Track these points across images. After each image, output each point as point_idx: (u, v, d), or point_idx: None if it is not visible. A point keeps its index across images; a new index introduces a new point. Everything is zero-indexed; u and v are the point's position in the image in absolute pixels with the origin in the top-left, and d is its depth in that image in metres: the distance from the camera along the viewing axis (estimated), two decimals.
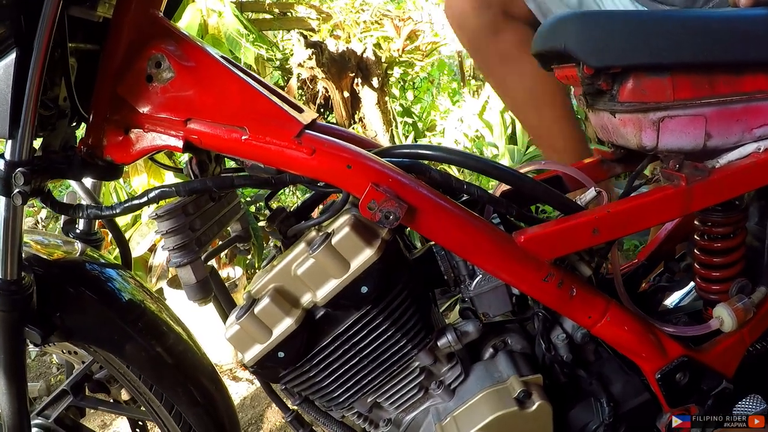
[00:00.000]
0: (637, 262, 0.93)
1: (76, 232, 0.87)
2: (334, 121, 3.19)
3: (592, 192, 0.70)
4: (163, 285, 1.81)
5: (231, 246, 0.82)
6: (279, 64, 3.41)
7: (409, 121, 3.70)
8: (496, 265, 0.65)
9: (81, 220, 0.87)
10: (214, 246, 0.81)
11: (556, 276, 0.65)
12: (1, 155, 0.61)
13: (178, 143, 0.62)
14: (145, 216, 1.86)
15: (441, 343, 0.68)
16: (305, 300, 0.64)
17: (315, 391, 0.69)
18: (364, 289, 0.61)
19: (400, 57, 3.38)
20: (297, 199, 2.98)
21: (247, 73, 0.66)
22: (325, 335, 0.64)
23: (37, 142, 0.65)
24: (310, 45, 2.86)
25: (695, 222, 0.79)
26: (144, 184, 1.72)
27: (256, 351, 0.64)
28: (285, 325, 0.62)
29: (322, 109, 3.37)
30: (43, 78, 0.57)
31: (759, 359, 0.83)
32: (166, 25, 0.65)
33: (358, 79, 3.05)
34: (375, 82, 3.06)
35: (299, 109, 0.67)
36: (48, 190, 0.65)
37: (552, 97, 1.20)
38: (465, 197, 0.71)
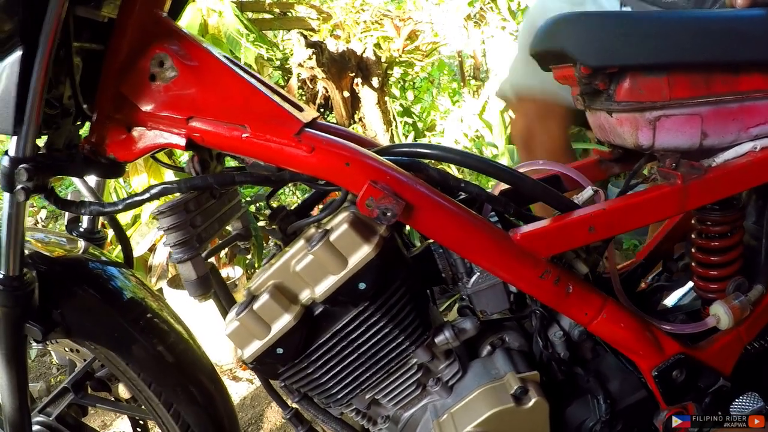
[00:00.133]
0: (635, 262, 0.93)
1: (80, 230, 0.88)
2: (334, 120, 3.20)
3: (588, 191, 0.70)
4: (162, 285, 1.81)
5: (231, 244, 0.83)
6: (279, 63, 3.42)
7: (409, 121, 3.70)
8: (493, 262, 0.65)
9: (85, 219, 0.88)
10: (214, 244, 0.82)
11: (553, 273, 0.66)
12: (5, 152, 0.62)
13: (181, 141, 0.63)
14: (145, 216, 1.87)
15: (439, 340, 0.69)
16: (304, 296, 0.64)
17: (314, 387, 0.69)
18: (362, 285, 0.62)
19: (400, 57, 3.38)
20: (297, 199, 2.99)
21: (249, 73, 0.67)
22: (324, 332, 0.65)
23: (42, 140, 0.66)
24: (310, 45, 2.87)
25: (693, 221, 0.80)
26: (144, 184, 1.73)
27: (255, 347, 0.65)
28: (284, 321, 0.63)
29: (322, 109, 3.38)
30: (47, 76, 0.58)
31: (756, 357, 0.83)
32: (170, 25, 0.66)
33: (358, 79, 3.06)
34: (375, 82, 3.06)
35: (299, 108, 0.68)
36: (51, 187, 0.66)
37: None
38: (463, 195, 0.71)
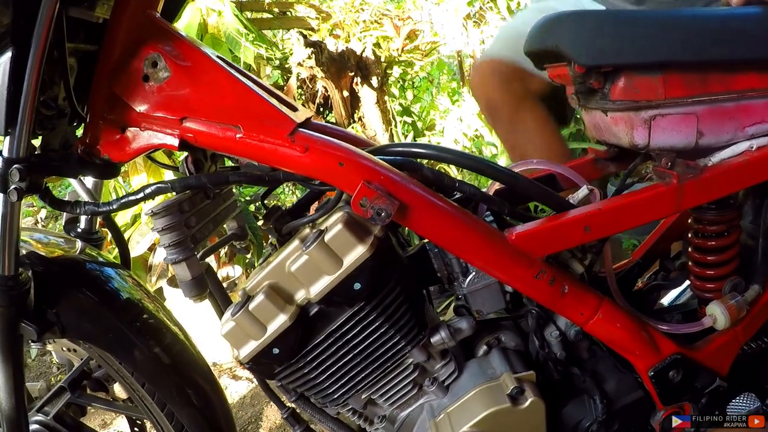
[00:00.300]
0: (632, 261, 0.93)
1: (78, 230, 0.88)
2: (333, 120, 3.20)
3: (584, 190, 0.70)
4: (162, 284, 1.82)
5: (227, 244, 0.83)
6: (278, 63, 3.42)
7: (409, 120, 3.70)
8: (489, 262, 0.65)
9: (83, 220, 0.88)
10: (213, 242, 0.82)
11: (548, 273, 0.66)
12: None
13: (174, 141, 0.63)
14: (145, 215, 1.87)
15: (434, 339, 0.69)
16: (299, 297, 0.64)
17: (310, 387, 0.69)
18: (357, 285, 0.62)
19: (400, 56, 3.38)
20: (296, 198, 2.99)
21: (243, 73, 0.67)
22: (319, 332, 0.65)
23: (38, 141, 0.66)
24: (309, 44, 2.86)
25: (690, 220, 0.80)
26: (144, 183, 1.73)
27: (251, 347, 0.65)
28: (279, 321, 0.63)
29: (322, 109, 3.37)
30: (40, 77, 0.58)
31: (753, 358, 0.83)
32: (163, 25, 0.66)
33: (358, 79, 3.05)
34: (374, 81, 3.06)
35: (293, 108, 0.68)
36: (46, 187, 0.66)
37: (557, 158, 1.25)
38: (458, 195, 0.71)
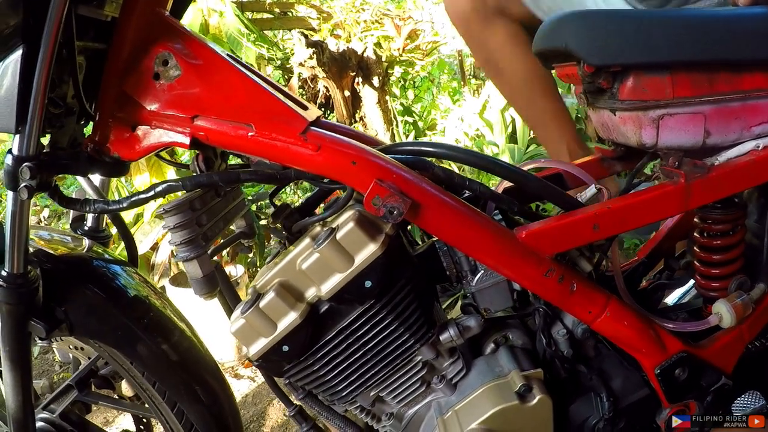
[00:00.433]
0: (637, 260, 0.94)
1: (85, 228, 0.88)
2: (335, 120, 3.20)
3: (592, 189, 0.71)
4: (165, 283, 1.82)
5: (235, 242, 0.83)
6: (280, 63, 3.42)
7: (410, 120, 3.71)
8: (498, 260, 0.65)
9: (89, 217, 0.88)
10: (218, 242, 0.82)
11: (557, 271, 0.66)
12: (9, 150, 0.62)
13: (185, 140, 0.63)
14: (147, 214, 1.87)
15: (443, 337, 0.69)
16: (310, 294, 0.65)
17: (318, 385, 0.70)
18: (368, 283, 0.62)
19: (401, 56, 3.39)
20: (299, 198, 2.99)
21: (253, 71, 0.67)
22: (329, 329, 0.65)
23: (46, 139, 0.66)
24: (310, 44, 2.87)
25: (695, 219, 0.80)
26: (146, 183, 1.73)
27: (260, 345, 0.65)
28: (289, 319, 0.63)
29: (323, 108, 3.38)
30: (50, 75, 0.58)
31: (758, 356, 0.83)
32: (173, 23, 0.66)
33: (359, 79, 3.05)
34: (376, 81, 3.06)
35: (304, 107, 0.68)
36: (55, 185, 0.66)
37: (543, 89, 1.28)
38: (467, 194, 0.71)
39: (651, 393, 0.76)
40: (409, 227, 0.82)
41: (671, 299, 1.01)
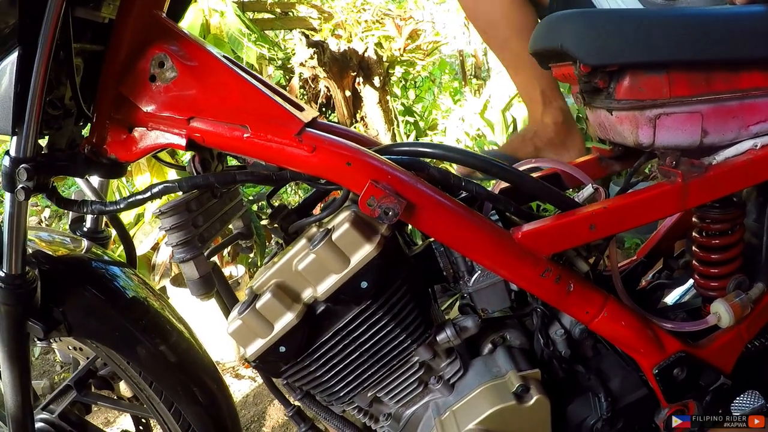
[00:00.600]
0: (636, 260, 0.93)
1: (83, 230, 0.88)
2: (335, 120, 3.20)
3: (589, 188, 0.71)
4: (166, 283, 1.82)
5: (233, 243, 0.83)
6: (281, 63, 3.43)
7: (411, 120, 3.71)
8: (494, 260, 0.65)
9: (88, 218, 0.88)
10: (216, 243, 0.82)
11: (554, 271, 0.66)
12: (6, 152, 0.62)
13: (181, 141, 0.63)
14: (148, 214, 1.87)
15: (440, 338, 0.69)
16: (306, 295, 0.65)
17: (316, 385, 0.70)
18: (364, 284, 0.62)
19: (402, 56, 3.39)
20: (299, 198, 3.00)
21: (249, 73, 0.67)
22: (326, 330, 0.65)
23: (44, 141, 0.66)
24: (311, 44, 2.87)
25: (693, 219, 0.80)
26: (147, 183, 1.73)
27: (257, 345, 0.65)
28: (286, 319, 0.63)
29: (324, 108, 3.38)
30: (47, 77, 0.58)
31: (757, 355, 0.83)
32: (169, 25, 0.66)
33: (360, 79, 3.06)
34: (376, 81, 3.06)
35: (300, 108, 0.68)
36: (53, 186, 0.66)
37: (519, 30, 1.18)
38: (464, 194, 0.71)
39: (649, 393, 0.75)
40: (408, 228, 0.82)
41: (671, 299, 1.01)
